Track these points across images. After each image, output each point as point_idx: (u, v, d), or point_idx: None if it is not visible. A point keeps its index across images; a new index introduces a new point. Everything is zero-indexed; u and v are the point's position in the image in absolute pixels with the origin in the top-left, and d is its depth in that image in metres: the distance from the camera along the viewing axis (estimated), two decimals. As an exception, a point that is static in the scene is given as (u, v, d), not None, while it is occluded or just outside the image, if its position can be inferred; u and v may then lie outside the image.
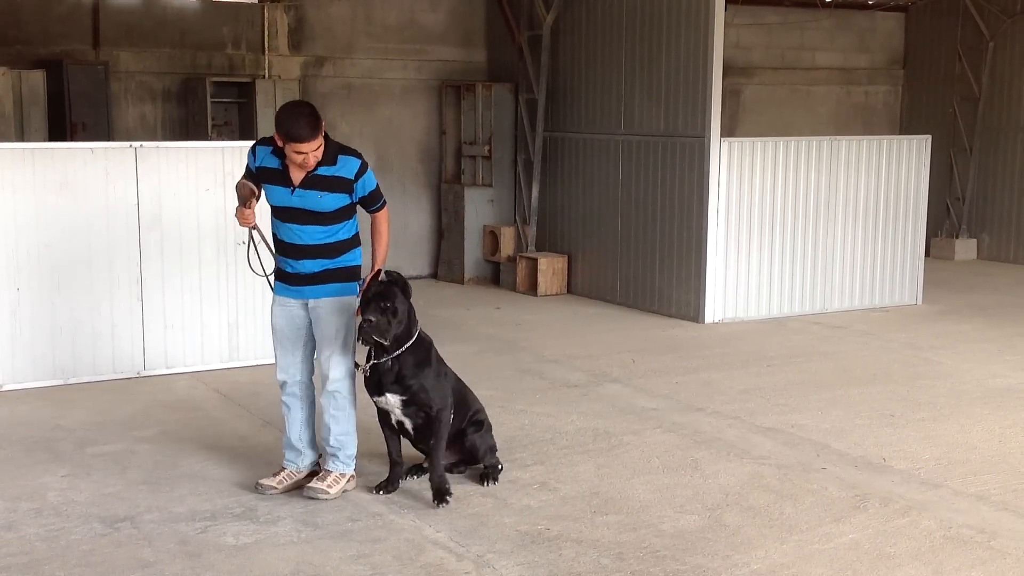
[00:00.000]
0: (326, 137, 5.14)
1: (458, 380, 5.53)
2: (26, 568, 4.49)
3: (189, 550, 4.70)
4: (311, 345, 5.41)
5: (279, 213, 5.25)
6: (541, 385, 7.63)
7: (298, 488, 5.40)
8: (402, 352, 5.17)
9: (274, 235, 5.34)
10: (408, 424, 5.32)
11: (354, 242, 5.33)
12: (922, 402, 7.24)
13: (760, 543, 4.83)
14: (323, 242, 5.23)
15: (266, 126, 11.12)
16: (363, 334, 5.05)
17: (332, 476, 5.36)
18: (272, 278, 5.47)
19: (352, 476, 5.42)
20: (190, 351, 7.84)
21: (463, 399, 5.54)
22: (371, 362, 5.18)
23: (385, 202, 5.37)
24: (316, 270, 5.25)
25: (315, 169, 5.11)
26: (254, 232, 5.49)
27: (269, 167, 5.21)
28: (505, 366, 8.19)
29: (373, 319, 4.99)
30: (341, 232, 5.27)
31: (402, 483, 5.48)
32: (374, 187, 5.27)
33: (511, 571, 4.52)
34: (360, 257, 5.38)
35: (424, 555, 4.68)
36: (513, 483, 5.57)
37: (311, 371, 5.48)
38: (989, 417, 6.90)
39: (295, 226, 5.22)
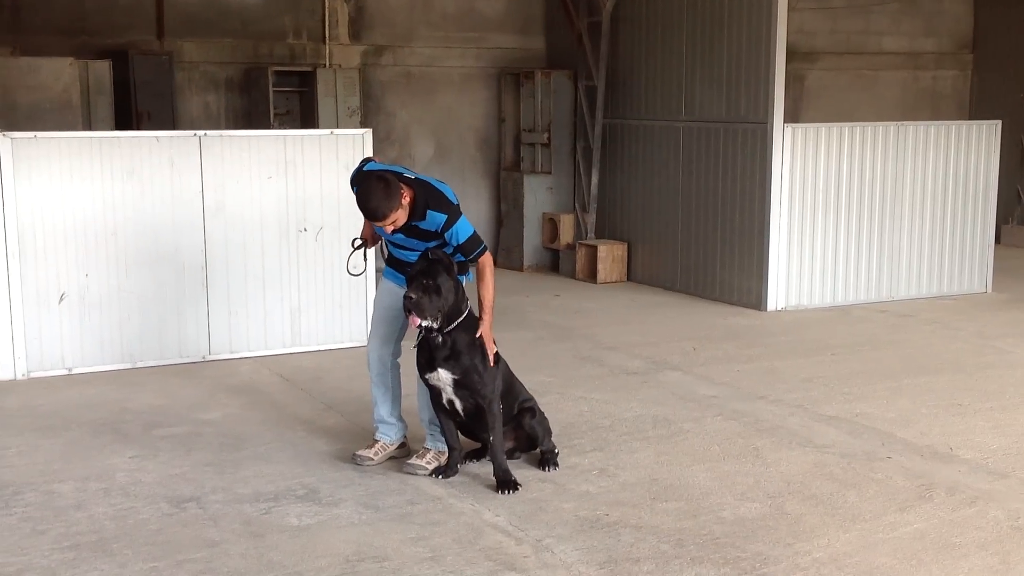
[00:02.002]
0: (420, 188, 5.15)
1: (507, 368, 5.51)
2: (95, 546, 4.59)
3: (253, 530, 4.76)
4: (405, 329, 5.57)
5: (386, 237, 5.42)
6: (600, 372, 7.60)
7: (391, 459, 5.61)
8: (453, 328, 5.18)
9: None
10: (459, 405, 5.32)
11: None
12: (990, 391, 7.09)
13: (823, 532, 4.77)
14: None
15: (327, 115, 11.22)
16: (405, 311, 5.12)
17: (431, 453, 5.53)
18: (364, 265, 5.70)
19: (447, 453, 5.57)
20: (254, 336, 7.94)
21: (510, 387, 5.51)
22: (421, 334, 5.20)
23: (485, 248, 5.31)
24: None
25: (407, 221, 5.16)
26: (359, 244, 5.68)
27: None
28: (564, 353, 8.18)
29: (413, 296, 5.02)
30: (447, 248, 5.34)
31: (461, 468, 5.50)
32: (467, 236, 5.22)
33: (570, 556, 4.52)
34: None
35: (483, 539, 4.69)
36: (572, 469, 5.56)
37: (400, 353, 5.65)
38: (1060, 407, 6.75)
39: (401, 250, 5.40)
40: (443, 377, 5.25)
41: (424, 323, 5.10)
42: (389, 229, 5.16)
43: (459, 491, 5.26)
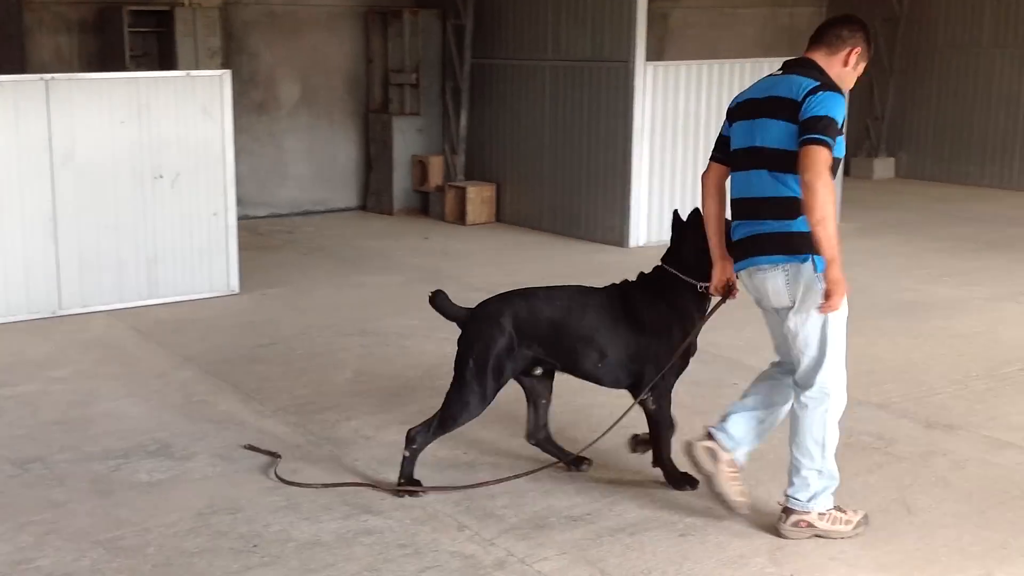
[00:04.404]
0: None
1: None
2: (-68, 512, 4.47)
3: (101, 488, 4.70)
4: None
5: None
6: (464, 314, 7.64)
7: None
8: None
9: None
10: None
11: None
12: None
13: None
14: None
15: (186, 56, 10.88)
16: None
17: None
18: None
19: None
20: (107, 289, 7.74)
21: None
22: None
23: None
24: None
25: None
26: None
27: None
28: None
29: None
30: None
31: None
32: None
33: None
34: None
35: (339, 483, 4.71)
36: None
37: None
38: (894, 329, 7.15)
39: None
40: None
41: None
42: None
43: (317, 437, 5.26)
